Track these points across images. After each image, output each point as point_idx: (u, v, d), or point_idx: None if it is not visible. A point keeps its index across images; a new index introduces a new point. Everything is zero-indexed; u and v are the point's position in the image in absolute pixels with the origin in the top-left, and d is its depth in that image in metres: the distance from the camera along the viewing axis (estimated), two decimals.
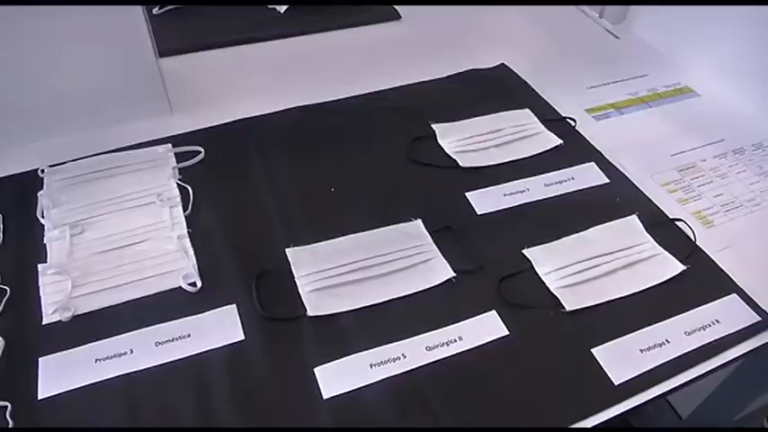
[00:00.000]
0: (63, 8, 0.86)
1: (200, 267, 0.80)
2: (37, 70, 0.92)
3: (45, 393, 0.69)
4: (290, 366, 0.71)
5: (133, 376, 0.71)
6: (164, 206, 0.87)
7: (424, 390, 0.69)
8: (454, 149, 0.97)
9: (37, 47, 0.89)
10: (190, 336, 0.73)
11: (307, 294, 0.76)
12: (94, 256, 0.81)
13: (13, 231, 0.86)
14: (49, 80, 0.93)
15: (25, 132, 0.96)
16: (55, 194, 0.89)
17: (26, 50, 0.90)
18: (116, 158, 0.94)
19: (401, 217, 0.87)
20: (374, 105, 1.05)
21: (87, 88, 0.95)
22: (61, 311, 0.75)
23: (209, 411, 0.67)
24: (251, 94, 1.09)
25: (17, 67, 0.91)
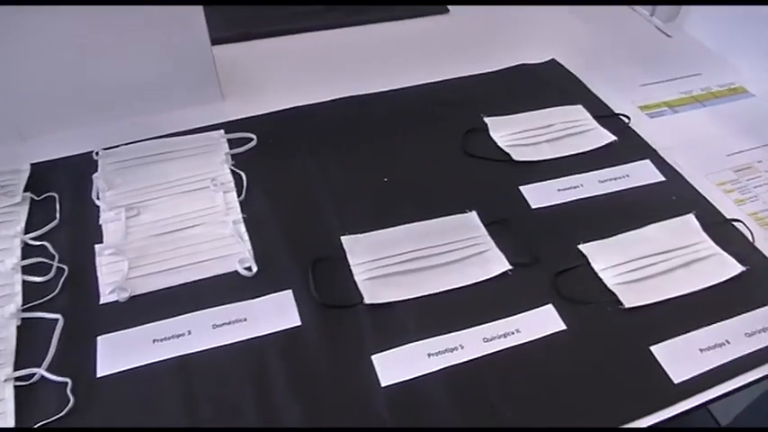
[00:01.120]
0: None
1: (254, 252, 0.80)
2: (95, 55, 0.93)
3: (103, 371, 0.69)
4: (347, 353, 0.70)
5: (191, 357, 0.70)
6: (217, 191, 0.87)
7: (483, 381, 0.69)
8: (507, 143, 0.96)
9: (97, 32, 0.90)
10: (246, 320, 0.73)
11: (363, 282, 0.75)
12: (150, 238, 0.81)
13: (68, 212, 0.86)
14: (107, 65, 0.94)
15: (80, 116, 0.97)
16: (110, 177, 0.89)
17: (85, 36, 0.90)
18: (169, 143, 0.94)
19: (454, 208, 0.86)
20: (424, 97, 1.05)
21: (143, 74, 0.96)
22: (118, 292, 0.75)
23: (266, 395, 0.67)
24: (300, 83, 1.09)
25: (75, 52, 0.91)
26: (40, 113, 0.95)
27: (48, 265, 0.79)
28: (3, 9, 0.82)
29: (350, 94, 1.05)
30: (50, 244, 0.81)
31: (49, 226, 0.84)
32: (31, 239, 0.82)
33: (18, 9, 0.82)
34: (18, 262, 0.79)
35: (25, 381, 0.68)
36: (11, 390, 0.67)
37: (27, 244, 0.82)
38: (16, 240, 0.82)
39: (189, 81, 0.99)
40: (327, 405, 0.67)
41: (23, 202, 0.87)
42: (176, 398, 0.67)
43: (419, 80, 1.09)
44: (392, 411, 0.66)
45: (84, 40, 0.90)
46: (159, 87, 0.98)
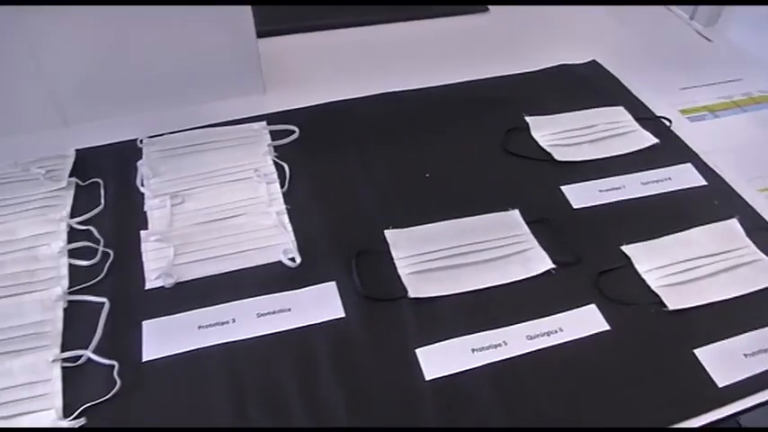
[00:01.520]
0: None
1: (297, 243, 0.80)
2: (141, 44, 0.94)
3: (149, 356, 0.69)
4: (391, 346, 0.71)
5: (235, 345, 0.71)
6: (261, 182, 0.87)
7: (527, 379, 0.69)
8: (548, 143, 0.96)
9: (143, 21, 0.91)
10: (290, 310, 0.73)
11: (406, 276, 0.76)
12: (194, 226, 0.82)
13: (112, 197, 0.87)
14: (151, 54, 0.95)
15: (124, 104, 0.98)
16: (154, 164, 0.89)
17: (132, 24, 0.91)
18: (212, 133, 0.95)
19: (495, 206, 0.86)
20: (464, 95, 1.05)
21: (189, 64, 0.97)
22: (164, 277, 0.75)
23: (311, 385, 0.68)
24: (340, 78, 1.09)
25: (120, 40, 0.93)
26: (85, 100, 0.96)
27: (93, 249, 0.80)
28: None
29: (389, 90, 1.05)
30: (96, 229, 0.82)
31: (94, 211, 0.84)
32: (76, 224, 0.82)
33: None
34: (64, 246, 0.80)
35: (72, 362, 0.69)
36: (58, 370, 0.68)
37: (72, 228, 0.83)
38: (62, 224, 0.83)
39: (233, 73, 1.00)
40: (371, 396, 0.67)
41: (69, 187, 0.88)
42: (221, 385, 0.67)
43: (458, 78, 1.09)
44: (436, 405, 0.66)
45: (131, 28, 0.91)
46: (203, 78, 0.99)
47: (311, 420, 0.65)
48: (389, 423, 0.65)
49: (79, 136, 0.97)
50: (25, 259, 0.79)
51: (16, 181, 0.89)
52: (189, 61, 0.97)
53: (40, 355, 0.70)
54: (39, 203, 0.86)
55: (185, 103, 1.00)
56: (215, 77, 0.99)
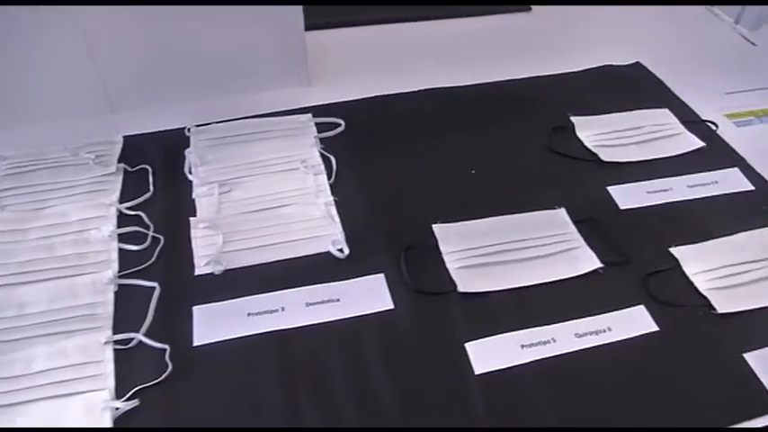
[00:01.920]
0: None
1: (345, 235, 0.80)
2: (189, 33, 0.94)
3: (200, 341, 0.70)
4: (440, 339, 0.71)
5: (285, 333, 0.71)
6: (308, 173, 0.88)
7: (575, 376, 0.69)
8: (594, 143, 0.96)
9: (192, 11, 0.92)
10: (339, 300, 0.74)
11: (455, 271, 0.76)
12: (242, 215, 0.83)
13: (160, 184, 0.87)
14: (200, 44, 0.96)
15: (170, 92, 0.99)
16: (202, 153, 0.90)
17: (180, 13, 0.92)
18: (259, 124, 0.96)
19: (540, 204, 0.86)
20: (508, 93, 1.05)
21: (236, 55, 0.98)
22: (213, 264, 0.76)
23: (361, 375, 0.68)
24: (383, 72, 1.10)
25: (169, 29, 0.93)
26: (133, 88, 0.97)
27: (143, 234, 0.80)
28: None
29: (433, 85, 1.06)
30: (145, 214, 0.83)
31: (143, 197, 0.85)
32: (126, 209, 0.83)
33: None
34: (114, 230, 0.80)
35: (123, 345, 0.69)
36: (110, 352, 0.69)
37: (122, 213, 0.83)
38: (112, 209, 0.83)
39: (279, 64, 1.00)
40: (420, 389, 0.67)
41: (117, 172, 0.89)
42: (271, 372, 0.68)
43: (501, 76, 1.09)
44: (486, 400, 0.66)
45: (181, 18, 0.92)
46: (250, 69, 1.00)
47: (360, 411, 0.65)
48: (439, 416, 0.65)
49: (126, 123, 0.98)
50: (75, 242, 0.80)
51: (65, 165, 0.90)
52: (236, 52, 0.97)
53: (92, 336, 0.70)
54: (88, 188, 0.87)
55: (231, 94, 1.00)
56: (262, 69, 1.00)
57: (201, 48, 0.96)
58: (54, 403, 0.65)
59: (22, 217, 0.83)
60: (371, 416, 0.65)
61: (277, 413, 0.65)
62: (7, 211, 0.84)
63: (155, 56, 0.94)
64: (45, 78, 0.93)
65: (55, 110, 0.97)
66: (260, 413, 0.65)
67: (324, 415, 0.65)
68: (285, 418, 0.64)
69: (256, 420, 0.64)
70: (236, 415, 0.65)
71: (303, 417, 0.64)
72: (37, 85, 0.94)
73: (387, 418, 0.65)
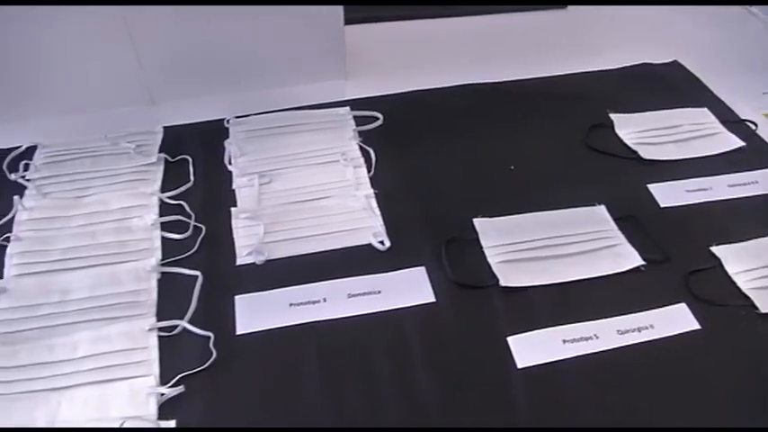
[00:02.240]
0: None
1: (386, 227, 0.80)
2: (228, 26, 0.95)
3: (243, 329, 0.70)
4: (482, 333, 0.71)
5: (327, 324, 0.72)
6: (347, 165, 0.88)
7: (618, 372, 0.69)
8: (633, 140, 0.95)
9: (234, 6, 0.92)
10: (380, 292, 0.74)
11: (497, 265, 0.76)
12: (283, 206, 0.83)
13: (200, 174, 0.88)
14: (241, 37, 0.96)
15: (209, 84, 1.00)
16: (241, 144, 0.91)
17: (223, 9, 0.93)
18: (298, 116, 0.96)
19: (579, 201, 0.86)
20: (546, 90, 1.05)
21: (275, 48, 0.98)
22: (255, 254, 0.76)
23: (404, 366, 0.68)
24: (419, 67, 1.10)
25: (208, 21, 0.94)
26: (172, 80, 0.98)
27: (184, 223, 0.81)
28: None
29: (469, 81, 1.06)
30: (186, 204, 0.82)
31: (184, 187, 0.85)
32: (167, 198, 0.83)
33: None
34: (157, 218, 0.81)
35: (167, 332, 0.70)
36: (155, 339, 0.69)
37: (163, 202, 0.83)
38: (153, 198, 0.84)
39: (318, 58, 1.01)
40: (463, 381, 0.67)
41: (158, 162, 0.89)
42: (314, 362, 0.68)
43: (538, 73, 1.09)
44: (529, 393, 0.66)
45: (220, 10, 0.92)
46: (288, 62, 1.00)
47: (405, 403, 0.65)
48: (482, 409, 0.65)
49: (165, 114, 0.99)
50: (118, 230, 0.80)
51: (106, 154, 0.91)
52: (275, 45, 0.98)
53: (136, 323, 0.71)
54: (129, 177, 0.88)
55: (268, 86, 1.01)
56: (300, 62, 1.00)
57: (241, 40, 0.96)
58: (99, 388, 0.66)
59: (63, 204, 0.84)
60: (414, 408, 0.65)
61: (319, 404, 0.65)
62: (49, 199, 0.84)
63: (195, 48, 0.95)
64: (86, 69, 0.94)
65: (95, 100, 0.98)
66: (302, 403, 0.65)
67: (366, 406, 0.65)
68: (328, 409, 0.65)
69: (298, 410, 0.65)
70: (278, 404, 0.65)
71: (345, 408, 0.65)
72: (78, 75, 0.95)
73: (430, 410, 0.65)
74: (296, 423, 0.63)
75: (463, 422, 0.64)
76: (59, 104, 0.97)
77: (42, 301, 0.73)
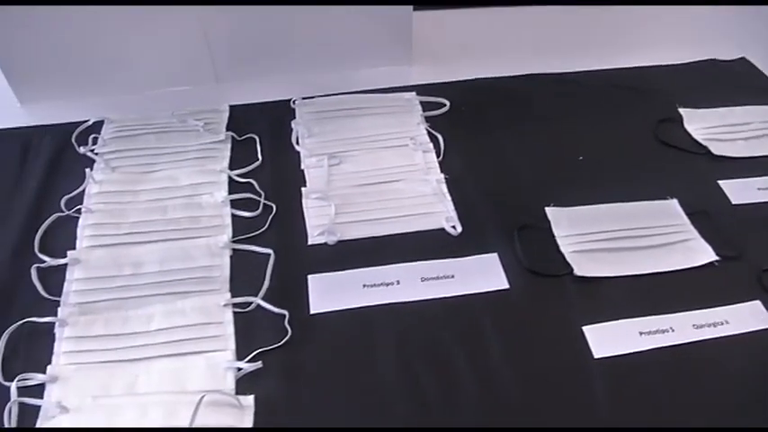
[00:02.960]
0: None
1: (457, 212, 0.80)
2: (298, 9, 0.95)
3: (316, 309, 0.71)
4: (557, 321, 0.71)
5: (400, 306, 0.71)
6: (416, 150, 0.87)
7: (694, 367, 0.68)
8: (704, 136, 0.94)
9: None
10: (454, 276, 0.73)
11: (570, 254, 0.75)
12: (353, 188, 0.83)
13: (268, 154, 0.88)
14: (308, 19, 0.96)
15: (275, 64, 1.00)
16: (309, 125, 0.91)
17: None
18: (365, 99, 0.96)
19: (650, 194, 0.85)
20: (614, 82, 1.04)
21: (341, 31, 0.98)
22: (327, 235, 0.76)
23: (479, 353, 0.68)
24: (484, 55, 1.09)
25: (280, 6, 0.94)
26: (238, 59, 0.98)
27: (254, 201, 0.80)
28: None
29: (534, 71, 1.05)
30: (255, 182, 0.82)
31: (252, 165, 0.85)
32: (236, 176, 0.83)
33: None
34: (227, 196, 0.80)
35: (241, 308, 0.69)
36: (230, 315, 0.69)
37: (232, 180, 0.83)
38: (223, 176, 0.84)
39: (385, 42, 1.01)
40: (538, 369, 0.67)
41: (226, 140, 0.89)
42: (388, 344, 0.68)
43: (601, 65, 1.07)
44: (606, 384, 0.65)
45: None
46: (353, 45, 1.00)
47: (482, 390, 0.65)
48: (560, 398, 0.65)
49: (228, 93, 0.99)
50: (188, 206, 0.80)
51: (174, 131, 0.91)
52: (341, 28, 0.98)
53: (210, 298, 0.71)
54: (197, 154, 0.88)
55: (332, 69, 1.01)
56: (366, 45, 1.00)
57: (307, 22, 0.96)
58: (176, 361, 0.66)
59: (132, 179, 0.84)
60: (490, 393, 0.65)
61: (395, 386, 0.65)
62: (118, 173, 0.85)
63: (261, 28, 0.95)
64: (152, 46, 0.95)
65: (159, 77, 0.98)
66: (378, 385, 0.65)
67: (442, 390, 0.65)
68: (403, 391, 0.65)
69: (374, 391, 0.65)
70: (354, 384, 0.65)
71: (421, 390, 0.65)
72: (144, 52, 0.96)
73: (505, 396, 0.65)
74: (372, 404, 0.63)
75: (540, 410, 0.64)
76: (124, 81, 0.97)
77: (115, 273, 0.73)
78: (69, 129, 0.92)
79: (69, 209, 0.80)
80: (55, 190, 0.84)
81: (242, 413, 0.61)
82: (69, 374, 0.65)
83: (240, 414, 0.61)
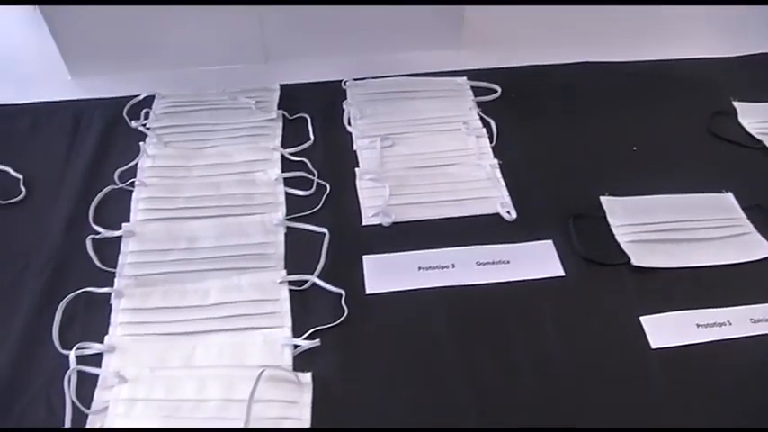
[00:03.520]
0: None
1: (511, 198, 0.79)
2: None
3: (372, 289, 0.71)
4: (614, 310, 0.70)
5: (456, 290, 0.71)
6: (469, 135, 0.87)
7: (751, 361, 0.67)
8: (758, 130, 0.93)
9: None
10: (509, 262, 0.73)
11: (627, 244, 0.75)
12: (407, 170, 0.82)
13: (320, 134, 0.88)
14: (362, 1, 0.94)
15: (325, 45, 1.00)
16: (361, 106, 0.90)
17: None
18: (416, 83, 0.95)
19: (703, 187, 0.84)
20: (667, 73, 1.03)
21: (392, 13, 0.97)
22: (382, 216, 0.76)
23: (537, 339, 0.68)
24: (536, 42, 1.07)
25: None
26: (288, 39, 0.98)
27: (308, 180, 0.80)
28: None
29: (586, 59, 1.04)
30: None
31: (305, 144, 0.85)
32: (289, 154, 0.83)
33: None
34: (280, 174, 0.80)
35: (297, 286, 0.69)
36: (286, 292, 0.69)
37: (284, 158, 0.83)
38: (276, 154, 0.84)
39: (435, 26, 1.00)
40: (595, 357, 0.67)
41: (277, 119, 0.89)
42: (443, 327, 0.68)
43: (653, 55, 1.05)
44: (665, 374, 0.65)
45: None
46: (404, 28, 1.00)
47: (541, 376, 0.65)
48: (618, 387, 0.65)
49: (277, 72, 0.98)
50: (242, 183, 0.81)
51: (225, 108, 0.91)
52: (392, 10, 0.97)
53: (265, 275, 0.71)
54: (249, 131, 0.88)
55: (381, 51, 1.01)
56: (417, 28, 0.99)
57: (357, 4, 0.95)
58: (233, 336, 0.67)
59: (185, 154, 0.85)
60: (548, 379, 0.65)
61: (452, 368, 0.65)
62: (171, 148, 0.85)
63: (312, 10, 0.95)
64: (203, 23, 0.95)
65: (209, 55, 0.98)
66: (434, 366, 0.66)
67: (500, 373, 0.65)
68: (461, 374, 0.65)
69: (430, 372, 0.65)
70: (411, 365, 0.66)
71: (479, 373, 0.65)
72: (195, 29, 0.96)
73: (562, 382, 0.65)
74: (429, 385, 0.64)
75: (598, 397, 0.64)
76: (176, 57, 0.97)
77: (170, 247, 0.73)
78: (120, 102, 0.92)
79: (122, 182, 0.80)
80: (107, 162, 0.84)
81: (300, 389, 0.61)
82: (127, 345, 0.66)
83: (299, 390, 0.61)
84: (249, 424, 0.58)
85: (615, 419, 0.61)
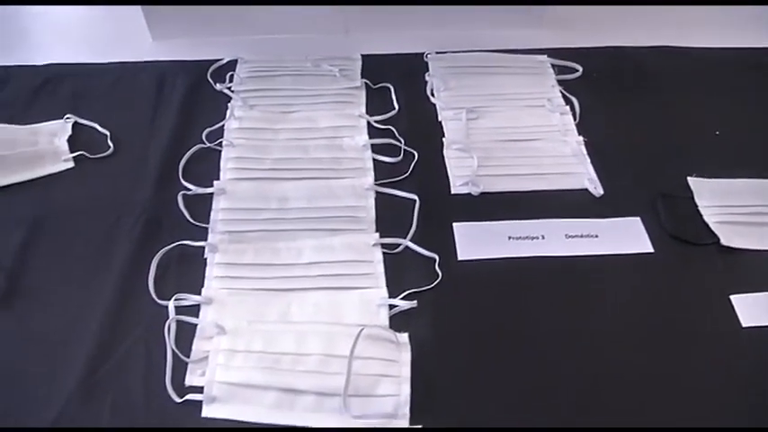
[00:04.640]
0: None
1: (597, 175, 0.79)
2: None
3: (463, 256, 0.72)
4: (704, 288, 0.71)
5: (546, 260, 0.72)
6: (553, 111, 0.87)
7: None
8: None
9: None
10: (598, 236, 0.73)
11: (715, 225, 0.75)
12: (493, 142, 0.83)
13: (403, 103, 0.89)
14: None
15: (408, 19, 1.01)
16: (445, 78, 0.91)
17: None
18: (498, 59, 0.96)
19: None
20: (750, 61, 1.01)
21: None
22: (471, 185, 0.77)
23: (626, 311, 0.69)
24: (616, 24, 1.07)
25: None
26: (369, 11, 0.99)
27: (393, 147, 0.81)
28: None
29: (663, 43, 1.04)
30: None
31: (391, 113, 0.86)
32: (375, 122, 0.84)
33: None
34: (368, 140, 0.81)
35: (390, 249, 0.70)
36: (380, 254, 0.70)
37: (370, 125, 0.84)
38: (362, 121, 0.85)
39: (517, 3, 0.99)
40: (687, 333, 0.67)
41: (361, 87, 0.90)
42: (534, 295, 0.69)
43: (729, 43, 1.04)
44: (755, 353, 0.65)
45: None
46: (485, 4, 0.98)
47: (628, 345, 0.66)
48: (708, 364, 0.65)
49: (357, 43, 0.99)
50: (329, 147, 0.82)
51: (309, 74, 0.92)
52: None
53: (358, 237, 0.72)
54: (333, 98, 0.89)
55: (461, 26, 1.01)
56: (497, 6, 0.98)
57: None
58: (330, 294, 0.68)
59: (271, 117, 0.86)
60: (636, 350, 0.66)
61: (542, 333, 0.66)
62: (257, 110, 0.86)
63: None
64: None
65: (290, 23, 0.99)
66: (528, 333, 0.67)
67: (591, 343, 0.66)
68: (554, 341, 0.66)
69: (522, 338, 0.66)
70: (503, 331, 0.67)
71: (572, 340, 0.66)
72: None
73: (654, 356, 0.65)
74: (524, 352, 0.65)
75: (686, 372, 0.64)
76: (258, 24, 0.98)
77: (262, 206, 0.75)
78: (202, 66, 0.93)
79: (210, 142, 0.81)
80: (193, 123, 0.86)
81: (398, 349, 0.62)
82: (223, 298, 0.67)
83: (397, 350, 0.62)
84: (350, 379, 0.58)
85: (704, 397, 0.62)
